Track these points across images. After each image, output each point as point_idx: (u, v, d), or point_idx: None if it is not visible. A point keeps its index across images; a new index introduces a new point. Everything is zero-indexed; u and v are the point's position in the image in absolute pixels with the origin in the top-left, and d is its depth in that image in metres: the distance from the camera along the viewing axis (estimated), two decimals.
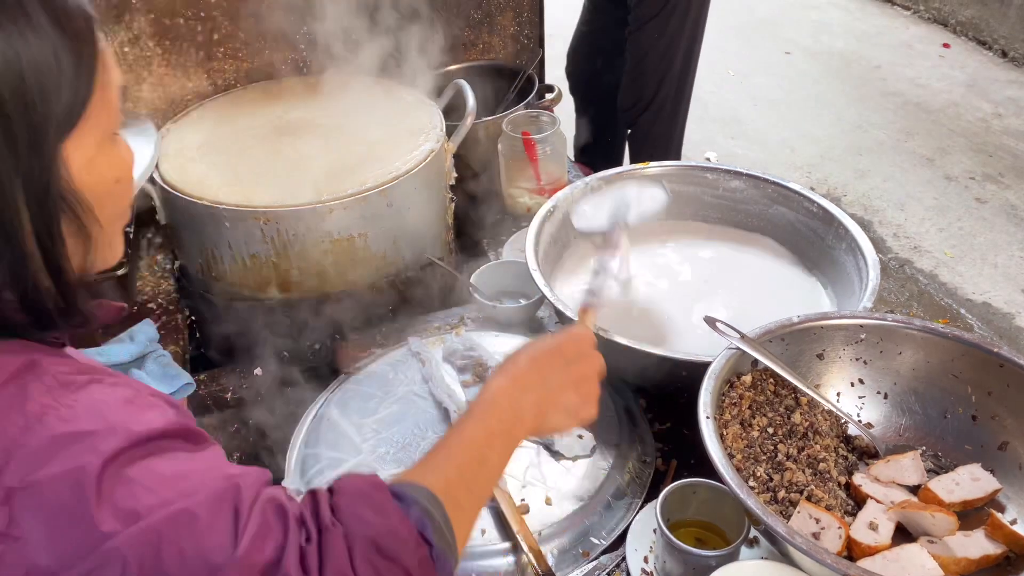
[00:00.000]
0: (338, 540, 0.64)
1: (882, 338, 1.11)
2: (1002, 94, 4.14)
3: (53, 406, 0.59)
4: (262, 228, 1.38)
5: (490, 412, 0.82)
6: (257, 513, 0.62)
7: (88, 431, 0.59)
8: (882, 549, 0.92)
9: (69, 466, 0.57)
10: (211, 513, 0.60)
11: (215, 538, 0.59)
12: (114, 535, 0.57)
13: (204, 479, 0.62)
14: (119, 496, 0.58)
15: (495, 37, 2.06)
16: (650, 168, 1.55)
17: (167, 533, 0.58)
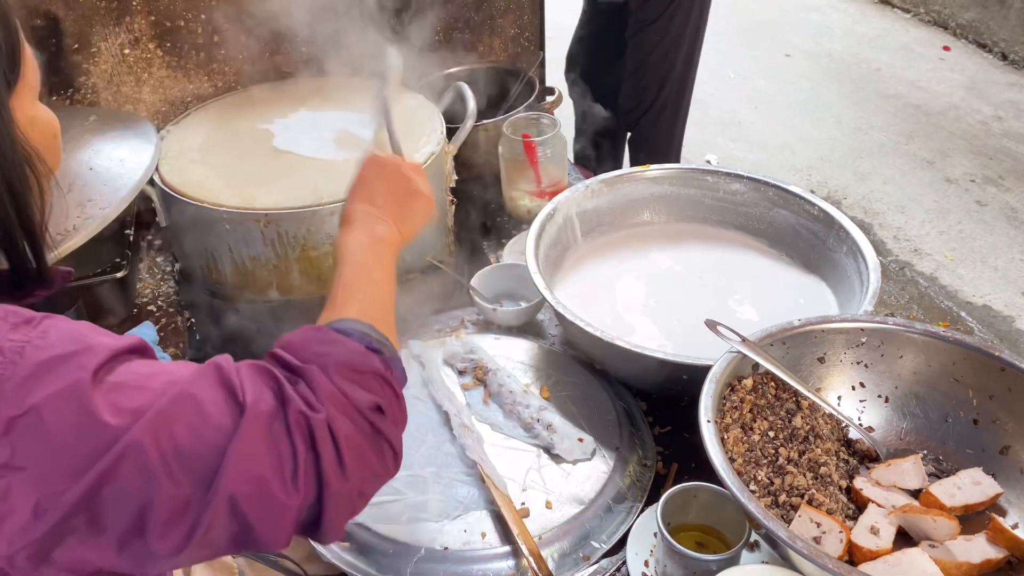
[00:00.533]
0: (316, 373, 0.71)
1: (883, 341, 1.11)
2: (1002, 97, 4.14)
3: (26, 340, 0.62)
4: (262, 230, 1.38)
5: (359, 251, 0.91)
6: (244, 375, 0.68)
7: (70, 352, 0.62)
8: (883, 553, 0.92)
9: (63, 384, 0.61)
10: (204, 389, 0.66)
11: (217, 407, 0.65)
12: (126, 428, 0.61)
13: (181, 370, 0.67)
14: (117, 398, 0.62)
15: (496, 39, 2.06)
16: (651, 170, 1.55)
17: (173, 415, 0.63)
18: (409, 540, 1.05)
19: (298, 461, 0.66)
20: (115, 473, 0.60)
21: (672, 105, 2.59)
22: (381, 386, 0.75)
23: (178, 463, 0.62)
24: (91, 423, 0.60)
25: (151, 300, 1.58)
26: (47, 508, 0.60)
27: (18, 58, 0.72)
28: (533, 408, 1.22)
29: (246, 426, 0.65)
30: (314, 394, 0.69)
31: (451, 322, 1.49)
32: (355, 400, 0.71)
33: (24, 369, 0.60)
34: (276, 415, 0.67)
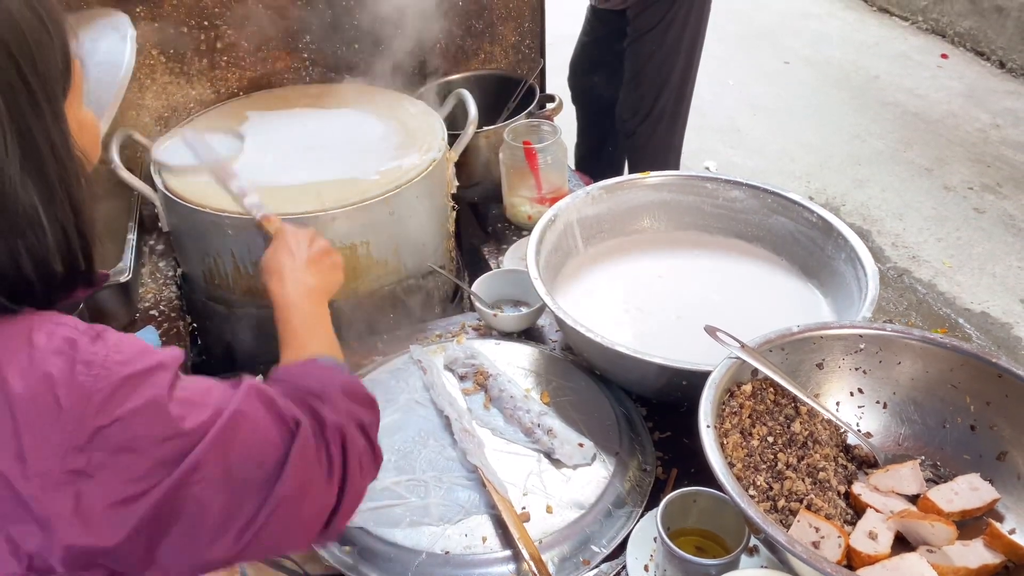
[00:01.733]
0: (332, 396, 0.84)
1: (881, 348, 1.12)
2: (1000, 105, 4.16)
3: (104, 355, 0.67)
4: (265, 236, 1.39)
5: (292, 301, 1.06)
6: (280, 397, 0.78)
7: (148, 368, 0.69)
8: (881, 558, 0.93)
9: (142, 401, 0.67)
10: (254, 409, 0.75)
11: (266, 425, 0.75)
12: (192, 444, 0.69)
13: (224, 390, 0.75)
14: (184, 415, 0.69)
15: (496, 47, 2.07)
16: (651, 177, 1.56)
17: (233, 434, 0.71)
18: (410, 544, 1.06)
19: (334, 465, 0.80)
20: (187, 484, 0.68)
21: (670, 114, 2.60)
22: (371, 406, 0.90)
23: (240, 475, 0.72)
24: (166, 436, 0.68)
25: (153, 305, 1.59)
26: (117, 515, 0.66)
27: (70, 65, 0.74)
28: (534, 413, 1.22)
29: (300, 440, 0.76)
30: (338, 412, 0.83)
31: (452, 327, 1.50)
32: (359, 417, 0.86)
33: (110, 383, 0.66)
34: (317, 430, 0.79)
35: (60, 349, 0.66)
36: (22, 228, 0.68)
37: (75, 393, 0.65)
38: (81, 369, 0.66)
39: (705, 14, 2.52)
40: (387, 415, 1.25)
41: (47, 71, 0.69)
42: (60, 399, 0.64)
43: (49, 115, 0.69)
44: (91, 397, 0.65)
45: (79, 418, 0.64)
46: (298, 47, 1.86)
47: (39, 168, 0.68)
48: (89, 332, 0.69)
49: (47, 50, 0.69)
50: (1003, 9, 4.49)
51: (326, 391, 0.84)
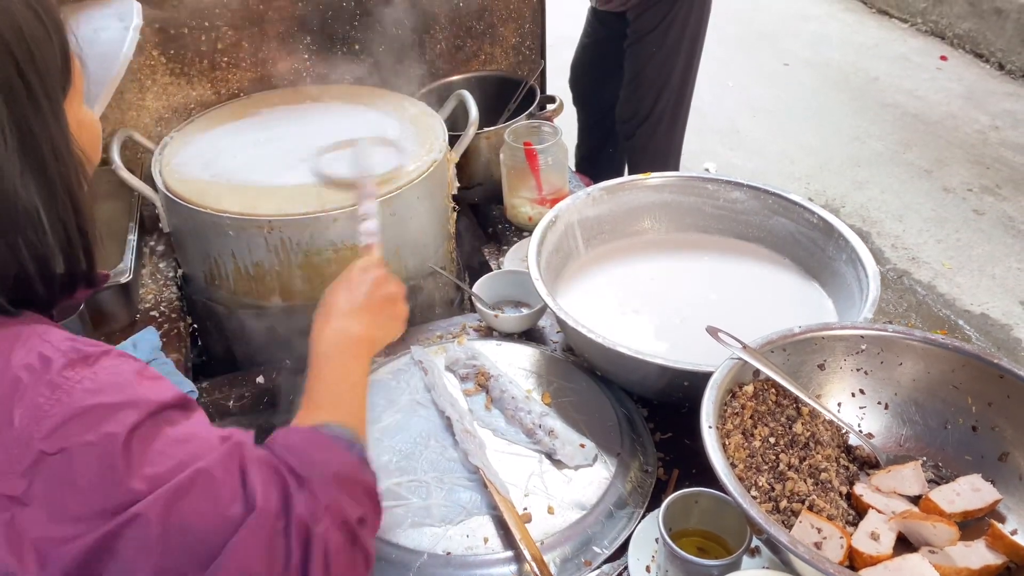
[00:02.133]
0: (317, 483, 0.74)
1: (883, 349, 1.12)
2: (999, 106, 4.16)
3: (77, 379, 0.64)
4: (265, 237, 1.39)
5: (333, 350, 0.93)
6: (256, 468, 0.70)
7: (113, 403, 0.64)
8: (883, 559, 0.93)
9: (99, 435, 0.62)
10: (223, 471, 0.67)
11: (227, 492, 0.67)
12: (141, 496, 0.62)
13: (207, 442, 0.69)
14: (141, 463, 0.64)
15: (497, 48, 2.07)
16: (652, 178, 1.56)
17: (188, 492, 0.64)
18: (412, 545, 1.06)
19: (291, 564, 0.68)
20: (118, 537, 0.62)
21: (669, 115, 2.60)
22: (369, 499, 0.79)
23: (179, 541, 0.64)
24: (113, 479, 0.62)
25: (154, 306, 1.59)
26: (44, 553, 0.61)
27: (70, 64, 0.73)
28: (535, 414, 1.22)
29: (252, 523, 0.66)
30: (315, 502, 0.72)
31: (453, 328, 1.50)
32: (346, 513, 0.74)
33: (68, 410, 0.62)
34: (280, 517, 0.69)
35: (31, 366, 0.64)
36: (23, 227, 0.67)
37: (29, 414, 0.62)
38: (43, 391, 0.63)
39: (705, 16, 2.53)
40: (388, 416, 1.25)
41: (47, 70, 0.69)
42: (14, 417, 0.62)
43: (49, 114, 0.69)
44: (42, 420, 0.62)
45: (26, 440, 0.61)
46: (299, 48, 1.86)
47: (39, 167, 0.68)
48: (74, 354, 0.66)
49: (46, 49, 0.69)
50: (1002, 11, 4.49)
51: (311, 474, 0.74)
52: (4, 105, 0.65)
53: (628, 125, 2.64)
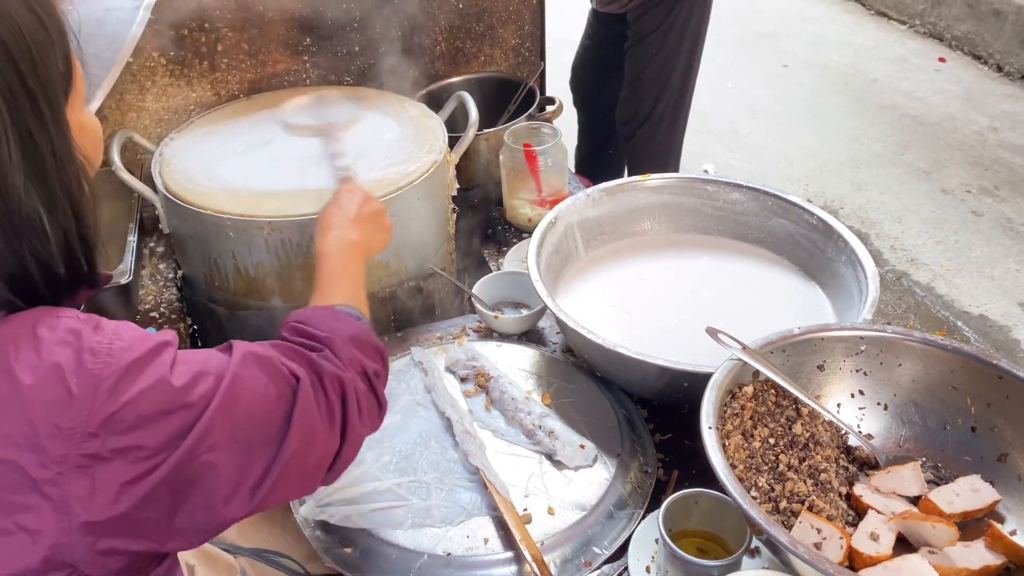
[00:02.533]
0: (337, 343, 0.89)
1: (882, 350, 1.12)
2: (997, 108, 4.17)
3: (107, 341, 0.69)
4: (266, 238, 1.39)
5: (332, 252, 1.10)
6: (284, 358, 0.82)
7: (149, 351, 0.70)
8: (883, 559, 0.93)
9: (151, 380, 0.69)
10: (252, 372, 0.77)
11: (269, 385, 0.78)
12: (202, 412, 0.71)
13: (217, 355, 0.78)
14: (188, 387, 0.71)
15: (497, 49, 2.08)
16: (651, 180, 1.57)
17: (236, 396, 0.74)
18: (412, 546, 1.06)
19: (334, 412, 0.83)
20: (196, 452, 0.70)
21: (669, 117, 2.60)
22: (380, 357, 0.94)
23: (245, 436, 0.74)
24: (177, 406, 0.70)
25: (154, 307, 1.59)
26: (130, 488, 0.68)
27: (72, 68, 0.73)
28: (535, 415, 1.23)
29: (301, 398, 0.79)
30: (339, 359, 0.87)
31: (453, 329, 1.50)
32: (366, 366, 0.90)
33: (118, 368, 0.68)
34: (317, 383, 0.83)
35: (65, 340, 0.67)
36: (26, 233, 0.68)
37: (85, 381, 0.66)
38: (88, 358, 0.67)
39: (705, 18, 2.53)
40: (389, 417, 1.25)
41: (48, 75, 0.69)
42: (71, 388, 0.66)
43: (51, 119, 0.69)
44: (100, 384, 0.67)
45: (91, 405, 0.66)
46: (298, 50, 1.86)
47: (41, 173, 0.69)
48: (90, 322, 0.70)
49: (48, 53, 0.69)
50: (1000, 13, 4.50)
51: (332, 339, 0.88)
52: (6, 111, 0.66)
53: (628, 126, 2.64)
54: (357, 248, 1.13)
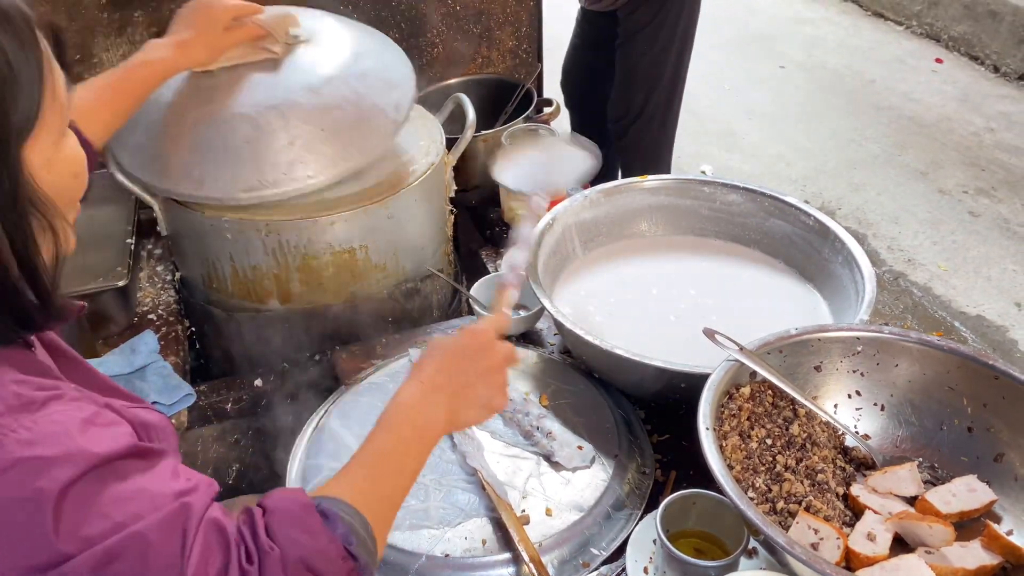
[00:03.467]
0: (275, 563, 0.69)
1: (879, 350, 1.12)
2: (994, 108, 4.17)
3: (13, 428, 0.60)
4: (263, 240, 1.39)
5: (402, 421, 0.88)
6: (202, 535, 0.66)
7: (48, 457, 0.60)
8: (880, 559, 0.93)
9: (28, 491, 0.59)
10: (161, 536, 0.64)
11: (163, 560, 0.63)
12: (68, 559, 0.59)
13: (156, 500, 0.65)
14: (74, 521, 0.60)
15: (494, 51, 2.08)
16: (648, 181, 1.57)
17: (119, 556, 0.61)
18: (410, 547, 1.06)
19: None
20: None
21: (661, 113, 2.60)
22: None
23: None
24: (40, 539, 0.59)
25: (151, 309, 1.59)
26: None
27: (37, 101, 0.67)
28: (533, 416, 1.23)
29: None
30: None
31: (451, 331, 1.50)
32: None
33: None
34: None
35: None
36: None
37: None
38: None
39: (695, 14, 2.53)
40: None
41: (3, 125, 0.64)
42: None
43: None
44: None
45: None
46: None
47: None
48: (14, 400, 0.63)
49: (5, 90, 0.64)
50: (997, 14, 4.51)
51: (278, 547, 0.70)
52: None
53: (620, 124, 2.64)
54: (434, 428, 0.89)
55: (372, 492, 0.81)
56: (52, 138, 0.70)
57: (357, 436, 1.21)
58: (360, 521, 0.76)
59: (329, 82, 1.39)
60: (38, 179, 0.68)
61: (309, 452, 1.21)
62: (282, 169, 1.34)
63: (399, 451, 0.86)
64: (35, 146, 0.68)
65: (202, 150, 1.34)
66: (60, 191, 0.71)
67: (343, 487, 0.80)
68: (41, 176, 0.68)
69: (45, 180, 0.69)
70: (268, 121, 1.34)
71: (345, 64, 1.42)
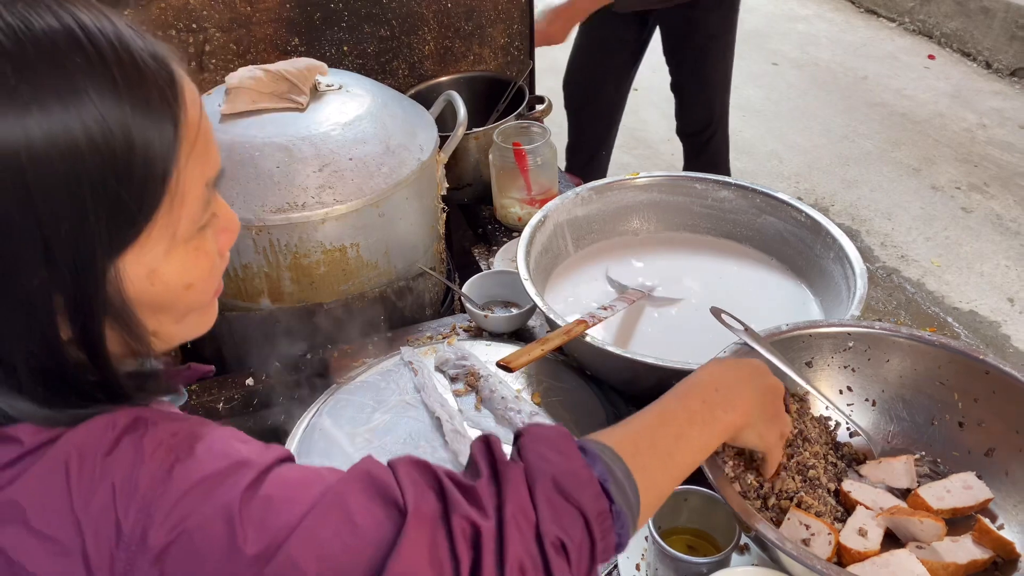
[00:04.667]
0: (517, 474, 0.62)
1: (870, 346, 1.13)
2: (986, 105, 4.19)
3: (176, 458, 0.56)
4: (254, 238, 1.39)
5: (695, 390, 0.82)
6: (403, 475, 0.60)
7: (221, 470, 0.57)
8: (871, 555, 0.93)
9: (213, 507, 0.56)
10: (354, 495, 0.59)
11: (370, 516, 0.58)
12: (275, 549, 0.55)
13: (329, 475, 0.61)
14: (266, 516, 0.56)
15: (486, 48, 2.07)
16: (640, 178, 1.57)
17: (322, 529, 0.57)
18: None
19: (459, 573, 0.58)
20: None
21: (727, 118, 2.58)
22: (579, 528, 0.63)
23: None
24: (236, 544, 0.55)
25: None
26: None
27: (151, 207, 0.55)
28: (525, 414, 1.23)
29: (407, 535, 0.57)
30: (499, 497, 0.61)
31: (443, 329, 1.50)
32: (541, 524, 0.61)
33: (174, 493, 0.55)
34: (439, 521, 0.59)
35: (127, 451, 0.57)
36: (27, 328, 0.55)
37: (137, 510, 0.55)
38: (142, 478, 0.56)
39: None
40: (377, 417, 1.25)
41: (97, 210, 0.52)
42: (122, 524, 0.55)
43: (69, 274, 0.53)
44: (151, 511, 0.55)
45: (141, 537, 0.55)
46: (287, 49, 1.86)
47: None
48: (160, 433, 0.58)
49: (114, 171, 0.52)
50: (989, 10, 4.52)
51: (519, 465, 0.63)
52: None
53: (701, 136, 2.55)
54: (730, 410, 0.81)
55: (643, 447, 0.72)
56: (165, 245, 0.58)
57: (349, 434, 1.21)
58: (622, 468, 0.68)
59: (359, 119, 1.46)
60: (134, 291, 0.57)
61: (300, 450, 1.20)
62: (311, 193, 1.38)
63: (684, 418, 0.78)
64: (137, 257, 0.56)
65: (233, 175, 1.37)
66: (163, 304, 0.60)
67: (613, 434, 0.72)
68: (141, 287, 0.57)
69: (145, 292, 0.58)
70: (300, 149, 1.39)
71: (373, 107, 1.49)
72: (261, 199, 1.37)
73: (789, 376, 1.07)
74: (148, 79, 0.54)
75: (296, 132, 1.40)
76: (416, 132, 1.53)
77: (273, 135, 1.40)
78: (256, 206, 1.37)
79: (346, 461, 1.17)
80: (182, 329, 0.66)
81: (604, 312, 1.26)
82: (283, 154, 1.38)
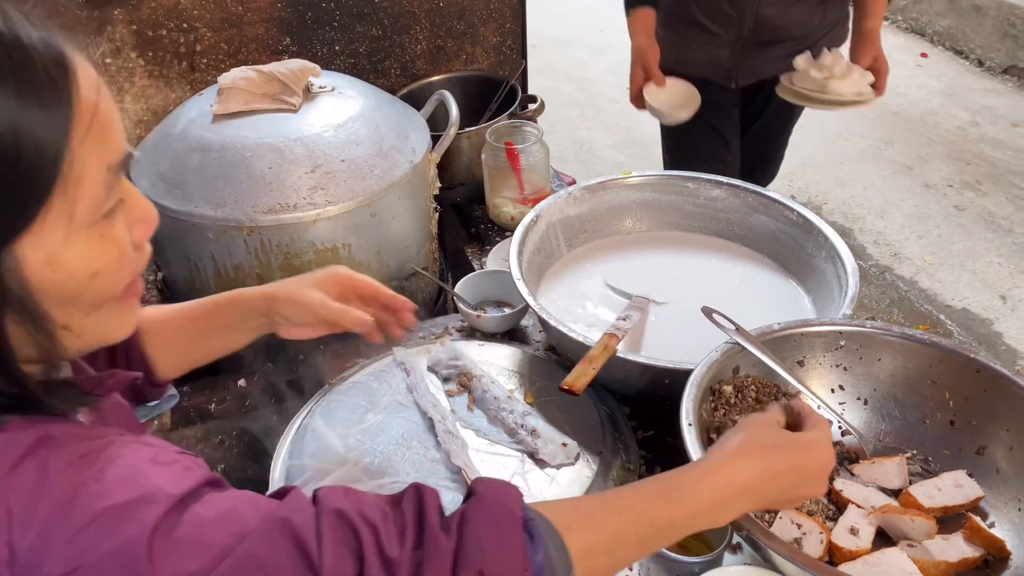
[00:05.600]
0: (443, 555, 0.61)
1: (861, 344, 1.13)
2: (979, 103, 4.20)
3: (80, 483, 0.54)
4: (245, 239, 1.38)
5: (685, 498, 0.75)
6: (325, 528, 0.59)
7: (128, 501, 0.54)
8: (863, 553, 0.93)
9: (116, 543, 0.53)
10: (273, 548, 0.56)
11: (284, 571, 0.56)
12: None
13: (249, 516, 0.58)
14: (177, 560, 0.54)
15: (478, 48, 2.07)
16: (632, 177, 1.57)
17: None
18: None
19: None
20: None
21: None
22: None
23: None
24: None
25: None
26: None
27: (43, 191, 0.53)
28: (517, 413, 1.22)
29: None
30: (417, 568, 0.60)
31: (435, 329, 1.49)
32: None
33: (76, 520, 0.52)
34: None
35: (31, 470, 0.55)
36: None
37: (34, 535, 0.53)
38: (43, 501, 0.53)
39: None
40: (370, 418, 1.25)
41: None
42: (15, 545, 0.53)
43: None
44: (48, 538, 0.53)
45: (36, 567, 0.52)
46: (278, 49, 1.86)
47: None
48: (69, 454, 0.55)
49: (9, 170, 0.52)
50: (981, 8, 4.53)
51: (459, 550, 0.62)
52: None
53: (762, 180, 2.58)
54: (714, 515, 0.77)
55: (598, 548, 0.69)
56: (62, 231, 0.55)
57: (340, 435, 1.21)
58: (564, 565, 0.65)
59: (352, 121, 1.46)
60: (33, 278, 0.55)
61: (293, 452, 1.20)
62: (303, 194, 1.38)
63: (660, 526, 0.73)
64: (34, 241, 0.54)
65: (225, 175, 1.37)
66: (67, 293, 0.57)
67: (574, 519, 0.69)
68: (40, 273, 0.55)
69: (45, 278, 0.55)
70: (292, 150, 1.39)
71: (366, 109, 1.50)
72: (253, 200, 1.36)
73: (780, 375, 1.07)
74: (36, 62, 0.53)
75: (288, 133, 1.40)
76: (408, 135, 1.53)
77: (265, 136, 1.39)
78: (247, 207, 1.36)
79: (339, 462, 1.16)
80: (94, 324, 0.62)
81: (625, 324, 1.27)
82: (275, 155, 1.38)
